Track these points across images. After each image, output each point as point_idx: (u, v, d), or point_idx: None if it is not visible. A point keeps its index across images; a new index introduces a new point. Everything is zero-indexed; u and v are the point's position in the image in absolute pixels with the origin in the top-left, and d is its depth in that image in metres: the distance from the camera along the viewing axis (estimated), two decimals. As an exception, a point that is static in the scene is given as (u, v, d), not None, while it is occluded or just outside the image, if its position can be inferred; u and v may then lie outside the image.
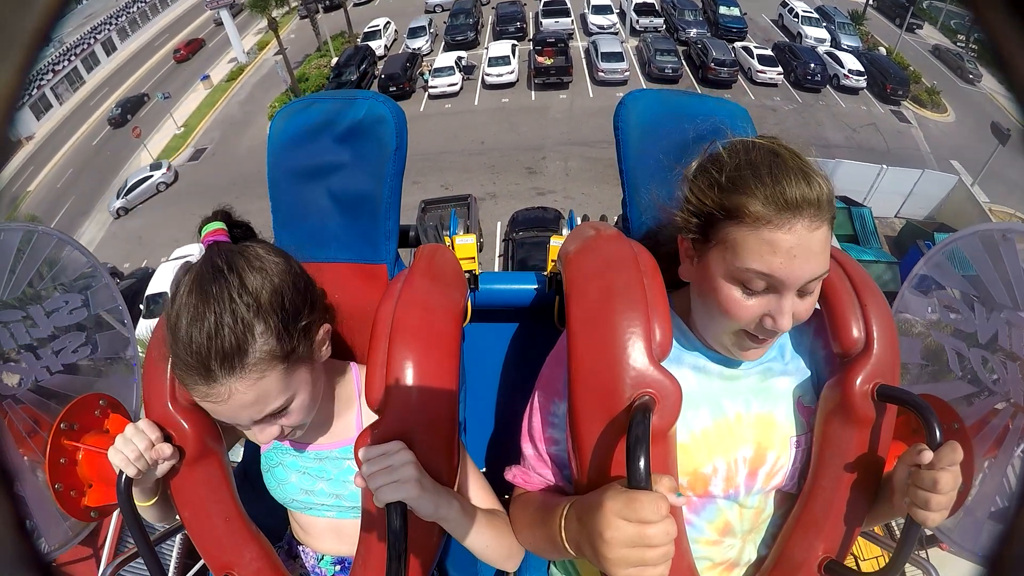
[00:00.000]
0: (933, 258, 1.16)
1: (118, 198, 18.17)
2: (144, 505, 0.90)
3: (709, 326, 0.81)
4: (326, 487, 0.96)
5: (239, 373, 0.73)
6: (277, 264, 0.79)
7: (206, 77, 24.65)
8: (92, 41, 27.98)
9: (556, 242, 1.34)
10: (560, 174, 16.26)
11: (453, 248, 1.35)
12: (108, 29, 29.03)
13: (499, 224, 14.03)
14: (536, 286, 1.37)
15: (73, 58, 26.86)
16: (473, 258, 1.34)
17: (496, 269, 12.69)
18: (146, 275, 13.90)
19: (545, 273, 1.36)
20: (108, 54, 28.80)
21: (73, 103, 25.62)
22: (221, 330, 0.72)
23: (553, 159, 16.87)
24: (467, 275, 1.24)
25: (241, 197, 16.99)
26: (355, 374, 1.00)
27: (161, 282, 13.05)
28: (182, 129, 21.74)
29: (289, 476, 0.97)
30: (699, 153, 0.82)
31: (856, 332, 0.80)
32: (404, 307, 0.83)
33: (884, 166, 14.62)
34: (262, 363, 0.74)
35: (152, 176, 18.55)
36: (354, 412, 0.98)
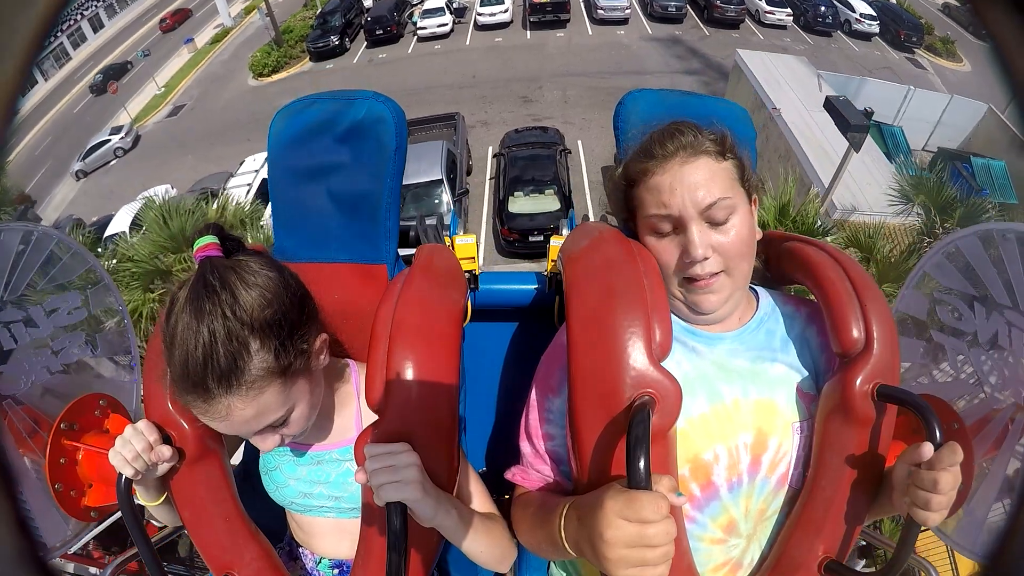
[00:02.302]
0: (933, 258, 1.16)
1: (78, 161, 17.74)
2: (153, 504, 0.90)
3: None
4: (325, 490, 0.96)
5: (236, 391, 0.73)
6: (271, 279, 0.79)
7: (190, 40, 24.40)
8: (79, 17, 27.60)
9: (556, 242, 1.34)
10: (558, 102, 15.29)
11: (453, 248, 1.35)
12: (95, 5, 28.62)
13: (490, 149, 13.28)
14: (536, 286, 1.37)
15: (59, 34, 26.40)
16: (473, 258, 1.34)
17: (486, 192, 12.02)
18: (109, 220, 13.37)
19: (545, 273, 1.36)
20: (95, 31, 28.35)
21: (58, 79, 25.40)
22: (216, 349, 0.71)
23: (550, 88, 15.97)
24: (467, 275, 1.24)
25: (216, 145, 16.49)
26: (354, 374, 1.00)
27: (120, 223, 12.45)
28: (163, 89, 21.69)
29: (288, 479, 0.97)
30: None
31: (856, 332, 0.79)
32: (404, 307, 0.83)
33: (911, 87, 13.73)
34: (260, 380, 0.74)
35: (110, 140, 18.03)
36: (352, 412, 0.97)
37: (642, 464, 0.60)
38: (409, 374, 0.79)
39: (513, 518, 0.93)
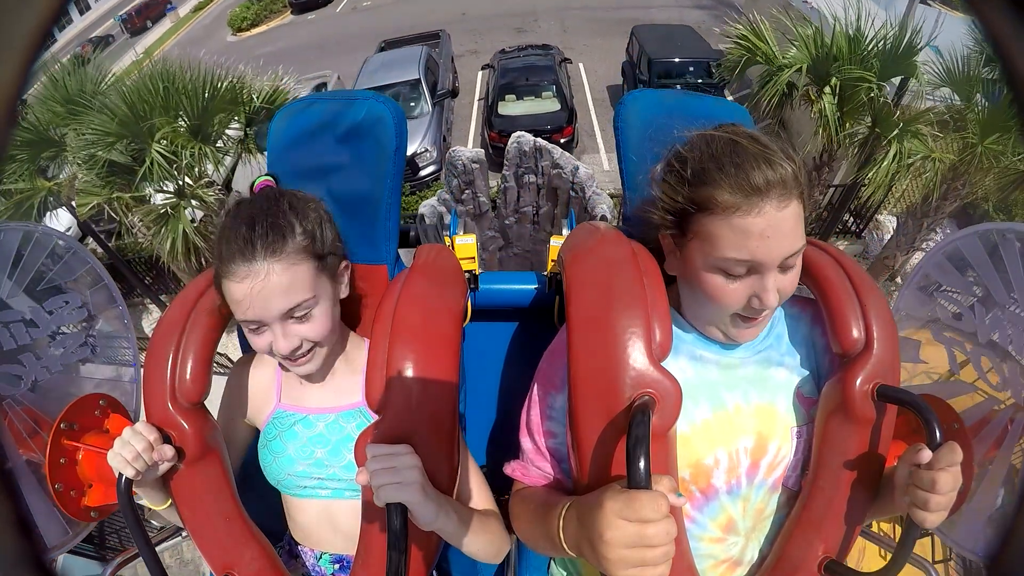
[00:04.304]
0: (934, 257, 1.16)
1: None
2: (160, 508, 0.91)
3: (701, 314, 0.84)
4: (323, 456, 0.97)
5: (278, 256, 0.83)
6: (317, 202, 0.93)
7: (172, 8, 24.32)
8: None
9: (556, 242, 1.34)
10: (556, 31, 14.25)
11: (453, 248, 1.35)
12: (83, -12, 28.23)
13: (479, 75, 12.31)
14: (536, 286, 1.37)
15: (48, 24, 26.74)
16: (473, 258, 1.34)
17: (474, 112, 11.34)
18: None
19: (545, 273, 1.36)
20: (81, 13, 27.99)
21: (42, 60, 25.46)
22: (267, 221, 0.84)
23: (547, 20, 15.06)
24: (467, 275, 1.24)
25: (181, 96, 16.45)
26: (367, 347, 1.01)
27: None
28: (141, 55, 21.39)
29: (286, 448, 0.98)
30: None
31: (856, 332, 0.79)
32: (404, 307, 0.83)
33: (942, 12, 13.54)
34: (298, 253, 0.85)
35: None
36: (359, 378, 0.98)
37: (642, 464, 0.60)
38: (409, 374, 0.79)
39: (512, 514, 0.93)
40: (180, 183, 5.18)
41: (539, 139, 5.58)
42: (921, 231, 5.68)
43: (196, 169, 5.16)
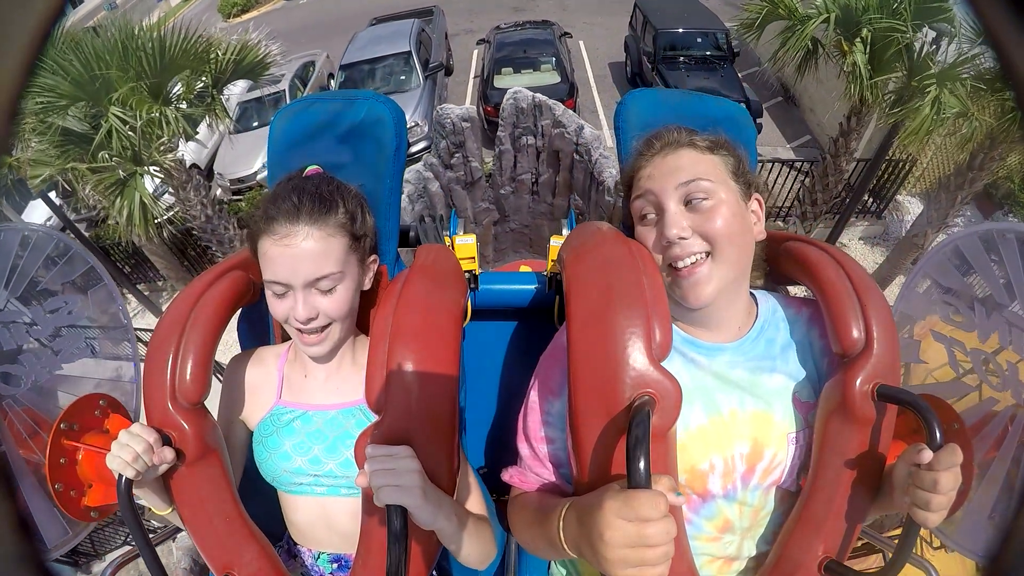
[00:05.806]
0: (933, 258, 1.16)
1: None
2: (162, 514, 0.91)
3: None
4: (320, 452, 0.97)
5: (319, 224, 0.88)
6: (360, 193, 0.99)
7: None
8: (59, -9, 27.51)
9: (556, 242, 1.34)
10: (555, 10, 13.68)
11: (453, 248, 1.35)
12: (76, -20, 28.29)
13: (475, 52, 12.09)
14: (536, 286, 1.37)
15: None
16: (473, 258, 1.34)
17: (468, 90, 11.21)
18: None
19: (545, 273, 1.36)
20: (75, 6, 28.26)
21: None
22: (317, 193, 0.90)
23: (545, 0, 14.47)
24: (467, 275, 1.24)
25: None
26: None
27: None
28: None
29: (282, 443, 0.98)
30: None
31: (856, 332, 0.79)
32: (404, 307, 0.83)
33: None
34: (336, 227, 0.90)
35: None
36: (362, 376, 0.99)
37: (642, 464, 0.60)
38: (409, 375, 0.79)
39: (510, 519, 0.93)
40: (136, 148, 4.79)
41: (538, 95, 5.12)
42: (955, 205, 5.53)
43: (154, 133, 4.72)
